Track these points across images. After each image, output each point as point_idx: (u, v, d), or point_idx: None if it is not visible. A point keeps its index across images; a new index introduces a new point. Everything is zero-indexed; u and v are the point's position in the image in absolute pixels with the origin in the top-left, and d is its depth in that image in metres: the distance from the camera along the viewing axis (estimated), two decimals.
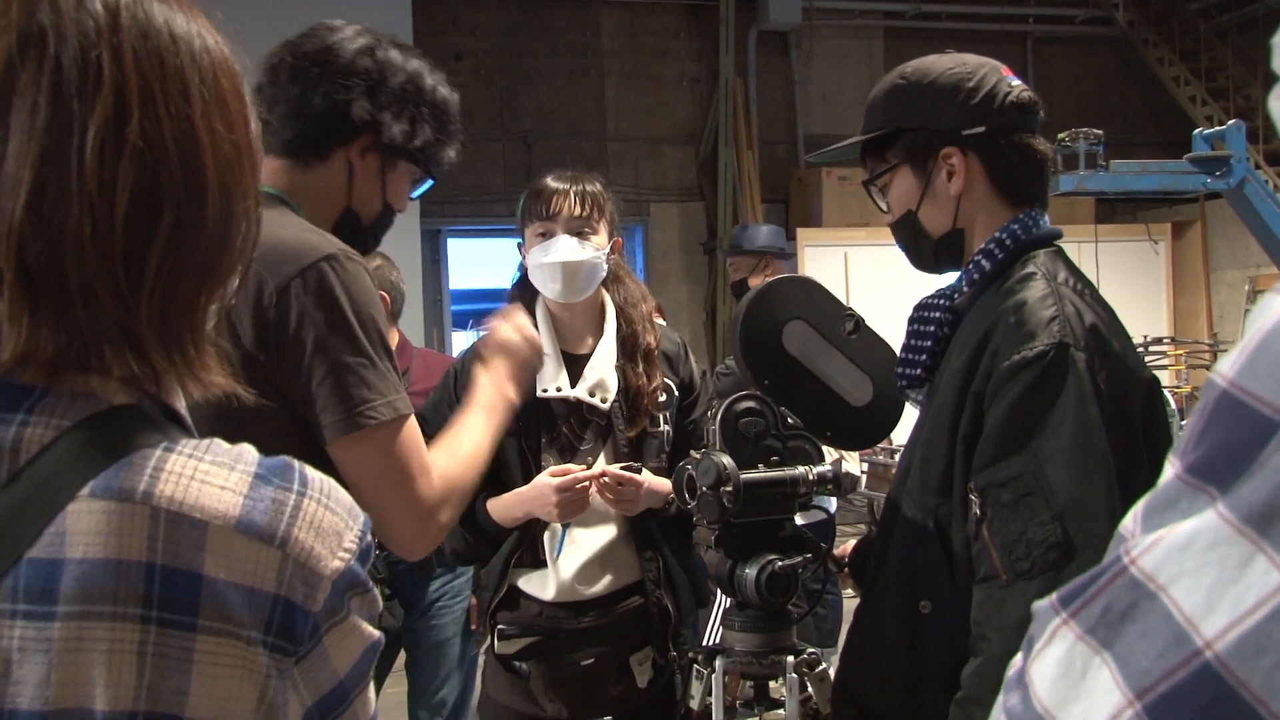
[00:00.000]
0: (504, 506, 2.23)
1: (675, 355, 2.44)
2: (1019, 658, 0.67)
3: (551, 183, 2.30)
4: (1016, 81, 1.71)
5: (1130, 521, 0.63)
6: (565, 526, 2.26)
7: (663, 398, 2.34)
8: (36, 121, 0.72)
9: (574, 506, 2.17)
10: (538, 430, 2.28)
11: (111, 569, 0.70)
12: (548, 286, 2.28)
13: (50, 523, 0.70)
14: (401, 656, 3.33)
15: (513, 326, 1.85)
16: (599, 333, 2.36)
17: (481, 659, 2.49)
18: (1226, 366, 0.59)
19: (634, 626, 2.30)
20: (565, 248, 2.24)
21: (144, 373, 0.76)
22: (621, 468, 2.21)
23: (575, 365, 2.31)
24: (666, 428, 2.36)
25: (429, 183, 1.81)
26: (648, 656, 2.32)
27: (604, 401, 2.28)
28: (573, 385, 2.28)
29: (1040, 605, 0.66)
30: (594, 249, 2.27)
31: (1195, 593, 0.57)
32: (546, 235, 2.27)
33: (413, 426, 1.52)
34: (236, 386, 0.81)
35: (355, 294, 1.50)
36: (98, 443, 0.73)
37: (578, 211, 2.26)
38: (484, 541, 2.29)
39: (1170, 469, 0.61)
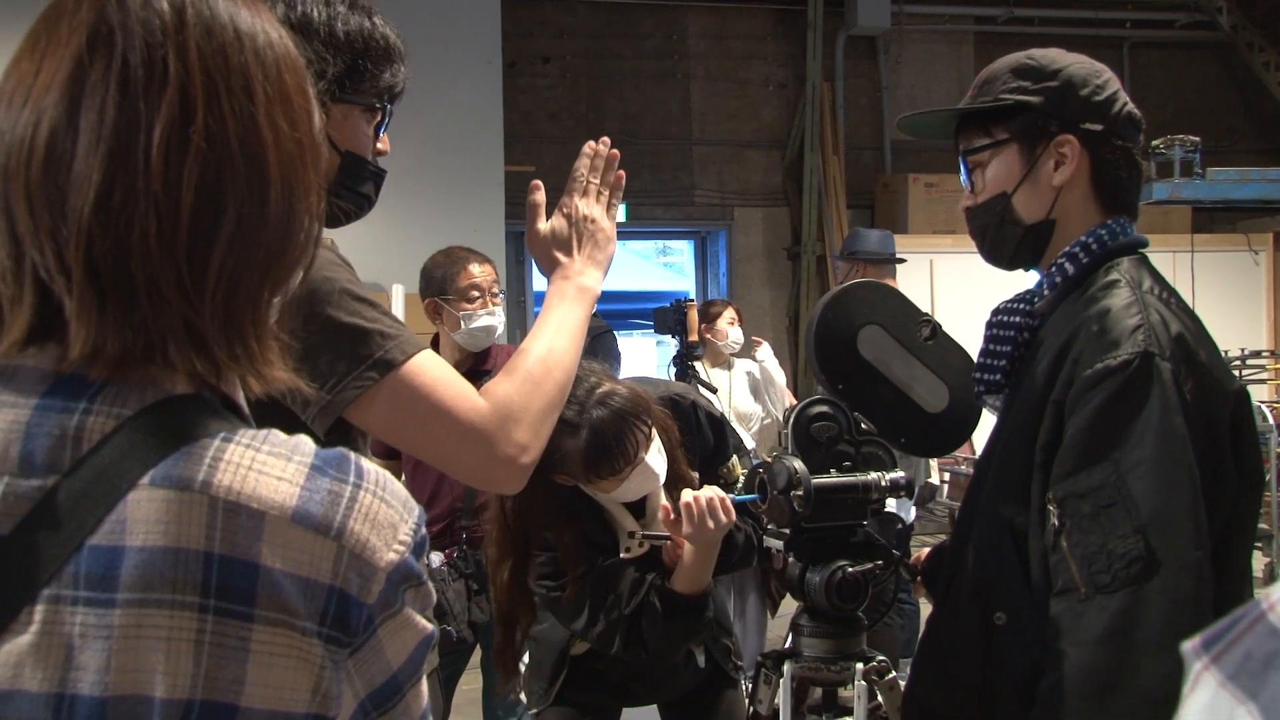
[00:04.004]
0: (690, 570, 2.15)
1: (687, 415, 2.34)
2: None
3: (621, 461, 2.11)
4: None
5: None
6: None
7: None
8: (105, 121, 0.73)
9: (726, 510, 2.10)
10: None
11: (170, 557, 0.71)
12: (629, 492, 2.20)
13: (111, 510, 0.71)
14: (478, 653, 3.35)
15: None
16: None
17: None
18: None
19: None
20: (648, 475, 2.15)
21: (207, 368, 0.77)
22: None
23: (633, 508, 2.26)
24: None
25: (385, 117, 1.60)
26: (702, 640, 2.34)
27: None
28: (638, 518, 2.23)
29: (1185, 646, 0.66)
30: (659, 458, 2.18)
31: None
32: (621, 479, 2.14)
33: (428, 362, 1.40)
34: (298, 381, 0.81)
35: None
36: (158, 431, 0.74)
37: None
38: (694, 620, 2.19)
39: None
